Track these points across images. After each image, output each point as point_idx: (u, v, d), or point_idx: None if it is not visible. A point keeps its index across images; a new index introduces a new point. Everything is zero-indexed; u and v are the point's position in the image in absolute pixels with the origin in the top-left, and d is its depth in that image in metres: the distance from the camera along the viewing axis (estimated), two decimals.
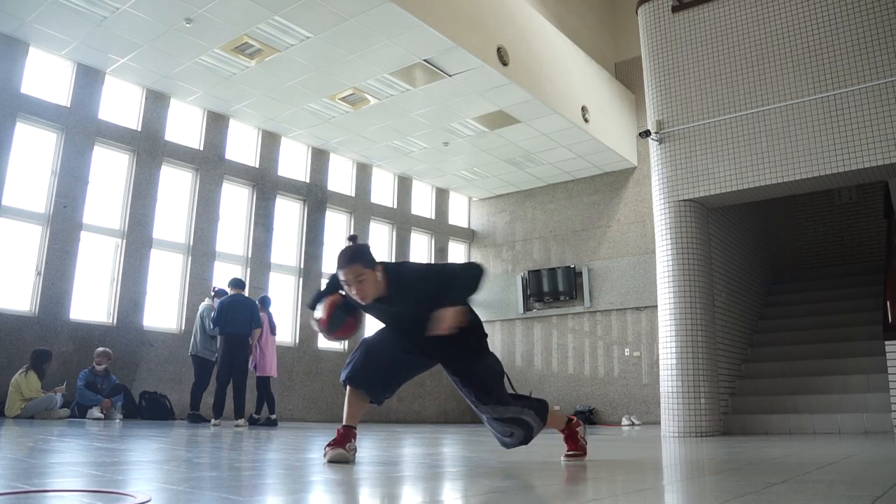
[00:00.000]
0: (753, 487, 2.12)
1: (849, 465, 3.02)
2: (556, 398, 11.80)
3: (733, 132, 6.80)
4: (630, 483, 2.41)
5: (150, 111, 9.17)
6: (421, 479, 2.43)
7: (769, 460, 3.24)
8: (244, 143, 10.32)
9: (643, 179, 11.34)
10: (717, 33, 7.07)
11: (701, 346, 6.72)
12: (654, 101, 7.36)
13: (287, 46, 8.00)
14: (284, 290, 10.41)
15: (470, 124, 10.10)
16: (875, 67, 6.12)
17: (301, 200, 10.88)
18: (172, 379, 8.76)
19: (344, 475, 2.37)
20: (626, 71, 12.03)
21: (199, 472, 2.48)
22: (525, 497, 1.98)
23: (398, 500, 1.95)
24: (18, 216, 7.94)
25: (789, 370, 7.64)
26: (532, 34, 9.39)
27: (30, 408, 6.95)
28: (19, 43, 7.97)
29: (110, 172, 8.84)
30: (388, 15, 7.36)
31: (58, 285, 8.00)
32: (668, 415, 6.64)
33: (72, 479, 2.11)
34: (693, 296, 6.79)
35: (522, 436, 2.98)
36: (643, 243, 11.24)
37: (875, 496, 1.93)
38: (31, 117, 8.09)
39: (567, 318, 12.00)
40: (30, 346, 7.41)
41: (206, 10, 7.30)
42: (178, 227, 9.36)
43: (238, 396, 7.46)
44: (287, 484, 2.24)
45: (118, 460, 2.85)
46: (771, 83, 6.65)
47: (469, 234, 13.48)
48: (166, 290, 9.13)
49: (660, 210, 7.12)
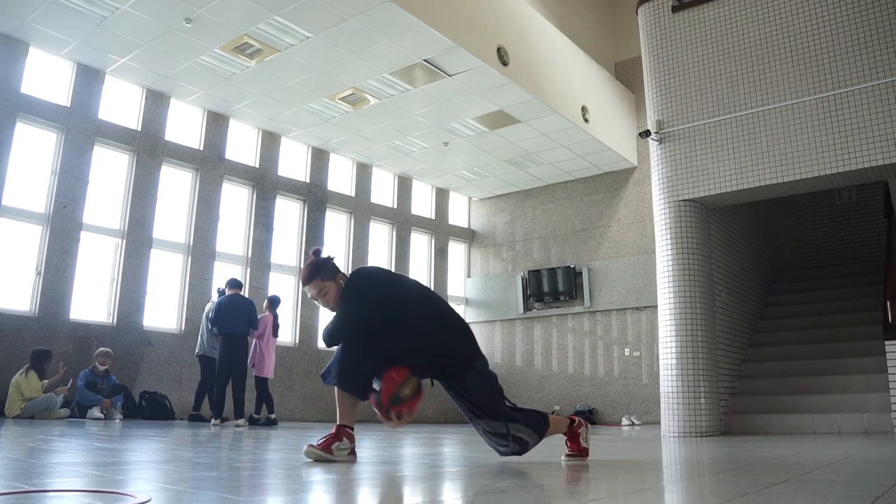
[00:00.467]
0: (753, 487, 2.12)
1: (849, 465, 3.02)
2: (556, 398, 11.80)
3: (733, 132, 6.80)
4: (630, 483, 2.41)
5: (150, 111, 9.17)
6: (421, 479, 2.43)
7: (769, 460, 3.24)
8: (244, 143, 10.32)
9: (643, 179, 11.34)
10: (717, 33, 7.07)
11: (701, 346, 6.72)
12: (654, 101, 7.36)
13: (287, 46, 8.01)
14: (284, 290, 10.41)
15: (470, 124, 10.10)
16: (875, 67, 6.12)
17: (301, 200, 10.88)
18: (172, 379, 8.77)
19: (344, 475, 2.37)
20: (626, 71, 12.03)
21: (199, 472, 2.48)
22: (525, 497, 1.98)
23: (398, 500, 1.95)
24: (18, 216, 7.94)
25: (789, 370, 7.64)
26: (532, 34, 9.39)
27: (30, 408, 6.95)
28: (19, 43, 7.97)
29: (110, 172, 8.84)
30: (388, 15, 7.36)
31: (58, 285, 8.00)
32: (668, 415, 6.64)
33: (72, 479, 2.11)
34: (693, 296, 6.79)
35: (517, 448, 2.96)
36: (643, 243, 11.25)
37: (875, 496, 1.93)
38: (31, 117, 8.09)
39: (567, 318, 12.00)
40: (30, 346, 7.41)
41: (206, 10, 7.30)
42: (178, 227, 9.36)
43: (238, 396, 7.47)
44: (287, 484, 2.24)
45: (118, 460, 2.85)
46: (771, 83, 6.65)
47: (469, 234, 13.48)
48: (166, 290, 9.13)
49: (660, 210, 7.12)
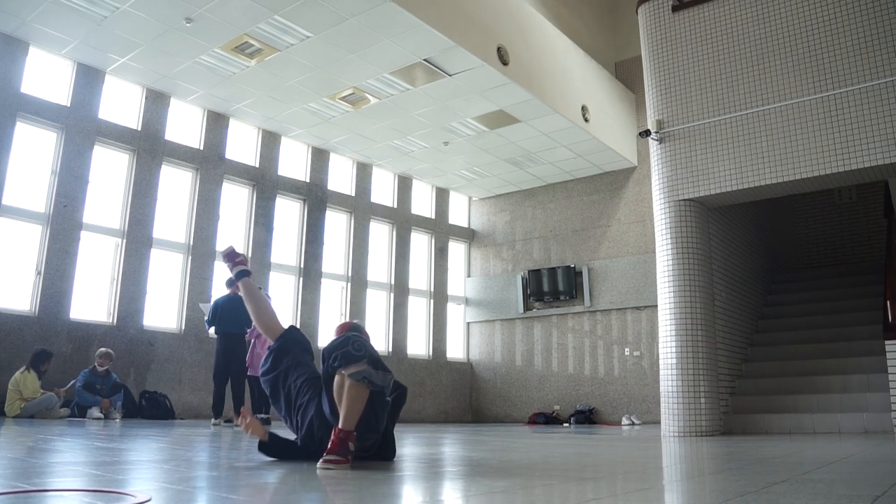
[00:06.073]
0: (753, 487, 2.12)
1: (849, 464, 3.02)
2: (556, 398, 11.81)
3: (733, 132, 6.80)
4: (630, 483, 2.41)
5: (150, 111, 9.17)
6: (421, 479, 2.43)
7: (769, 460, 3.24)
8: (244, 142, 10.31)
9: (643, 179, 11.34)
10: (717, 33, 7.07)
11: (701, 346, 6.72)
12: (654, 101, 7.36)
13: (287, 46, 8.00)
14: (284, 289, 10.42)
15: (470, 124, 10.10)
16: (875, 67, 6.12)
17: (301, 200, 10.88)
18: (172, 379, 8.77)
19: (343, 475, 2.37)
20: (626, 70, 12.03)
21: (199, 471, 2.49)
22: (525, 497, 1.98)
23: (398, 500, 1.95)
24: (18, 216, 7.94)
25: (789, 370, 7.64)
26: (532, 34, 9.39)
27: (29, 407, 6.95)
28: (19, 42, 7.96)
29: (110, 172, 8.83)
30: (388, 15, 7.36)
31: (58, 285, 8.00)
32: (668, 414, 6.64)
33: (72, 478, 2.11)
34: (693, 295, 6.79)
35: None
36: (643, 243, 11.25)
37: (875, 496, 1.93)
38: (31, 117, 8.08)
39: (567, 317, 12.00)
40: (30, 346, 7.41)
41: (206, 10, 7.30)
42: (178, 226, 9.36)
43: (237, 396, 7.46)
44: (287, 483, 2.24)
45: (118, 460, 2.85)
46: (771, 83, 6.65)
47: (469, 234, 13.48)
48: (166, 289, 9.13)
49: (660, 210, 7.12)
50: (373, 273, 11.72)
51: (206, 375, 8.57)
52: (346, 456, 2.54)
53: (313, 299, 10.60)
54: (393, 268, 12.09)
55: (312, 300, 10.58)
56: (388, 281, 11.98)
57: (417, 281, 12.48)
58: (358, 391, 2.56)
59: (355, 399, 2.56)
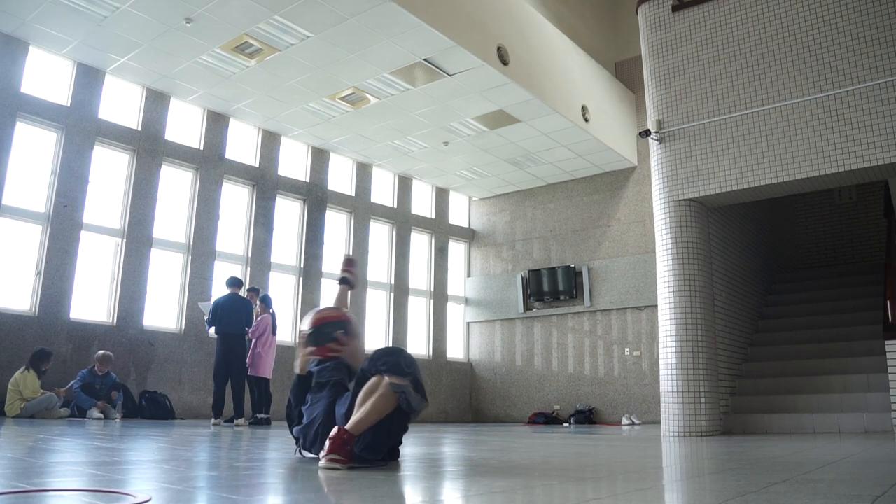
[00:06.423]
0: (753, 487, 2.12)
1: (849, 464, 3.02)
2: (556, 398, 11.81)
3: (733, 132, 6.80)
4: (630, 483, 2.41)
5: (150, 111, 9.17)
6: (421, 479, 2.43)
7: (769, 460, 3.24)
8: (244, 142, 10.31)
9: (643, 179, 11.34)
10: (717, 33, 7.07)
11: (701, 346, 6.72)
12: (654, 101, 7.36)
13: (287, 46, 8.00)
14: (284, 289, 10.42)
15: (470, 124, 10.10)
16: (875, 67, 6.12)
17: (301, 200, 10.88)
18: (172, 379, 8.77)
19: (343, 475, 2.37)
20: (626, 70, 12.03)
21: (199, 471, 2.49)
22: (525, 497, 1.98)
23: (398, 500, 1.95)
24: (18, 216, 7.94)
25: (789, 370, 7.64)
26: (532, 34, 9.39)
27: (29, 407, 6.95)
28: (19, 42, 7.97)
29: (110, 172, 8.84)
30: (388, 14, 7.36)
31: (58, 285, 8.00)
32: (668, 414, 6.64)
33: (72, 478, 2.11)
34: (693, 295, 6.79)
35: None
36: (643, 243, 11.25)
37: (875, 496, 1.93)
38: (31, 117, 8.09)
39: (567, 317, 12.00)
40: (30, 346, 7.41)
41: (206, 10, 7.30)
42: (178, 226, 9.36)
43: (237, 396, 7.46)
44: (287, 484, 2.24)
45: (118, 460, 2.85)
46: (771, 83, 6.65)
47: (469, 234, 13.48)
48: (166, 289, 9.13)
49: (660, 210, 7.12)
50: (373, 273, 11.73)
51: (206, 375, 8.57)
52: (346, 456, 2.53)
53: (313, 299, 10.59)
54: (393, 268, 12.09)
55: (312, 300, 10.57)
56: (388, 281, 11.99)
57: (417, 281, 12.48)
58: (386, 402, 2.56)
59: (378, 408, 2.56)
